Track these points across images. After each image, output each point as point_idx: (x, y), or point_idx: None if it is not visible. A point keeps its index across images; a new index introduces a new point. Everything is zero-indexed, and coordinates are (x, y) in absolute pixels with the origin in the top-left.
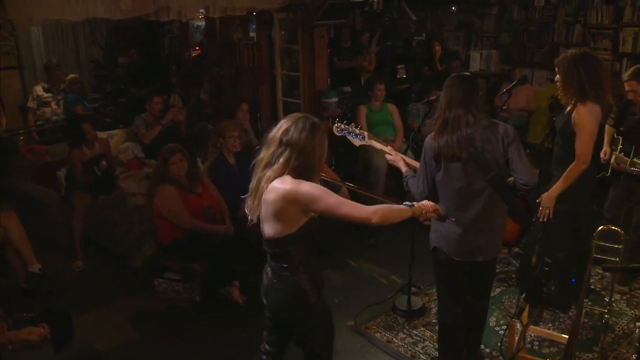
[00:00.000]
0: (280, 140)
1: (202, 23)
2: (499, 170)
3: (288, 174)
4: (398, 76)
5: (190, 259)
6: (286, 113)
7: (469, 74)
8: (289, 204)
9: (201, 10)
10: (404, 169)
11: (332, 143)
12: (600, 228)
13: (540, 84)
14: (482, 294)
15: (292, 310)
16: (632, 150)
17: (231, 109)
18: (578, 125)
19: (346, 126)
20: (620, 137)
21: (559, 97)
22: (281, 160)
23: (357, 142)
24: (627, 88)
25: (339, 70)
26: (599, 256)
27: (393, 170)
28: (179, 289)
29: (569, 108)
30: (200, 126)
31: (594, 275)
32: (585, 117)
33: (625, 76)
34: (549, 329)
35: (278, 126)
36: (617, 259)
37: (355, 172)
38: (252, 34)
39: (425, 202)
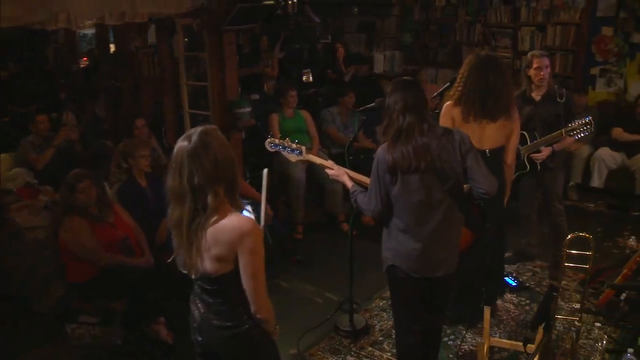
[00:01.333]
0: (193, 188)
1: (90, 31)
2: (456, 179)
3: (222, 208)
4: (305, 80)
5: (108, 298)
6: (194, 126)
7: (411, 79)
8: (233, 244)
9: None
10: (349, 184)
11: (243, 155)
12: (570, 236)
13: (445, 83)
14: (440, 309)
15: (234, 349)
16: (527, 138)
17: (131, 124)
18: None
19: (280, 141)
20: (526, 132)
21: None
22: (209, 203)
23: (293, 158)
24: (535, 65)
25: (240, 78)
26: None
27: (311, 181)
28: (96, 333)
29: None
30: (98, 144)
31: (526, 272)
32: (441, 115)
33: (537, 52)
34: (494, 334)
35: (174, 171)
36: (587, 266)
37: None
38: (150, 42)
39: None
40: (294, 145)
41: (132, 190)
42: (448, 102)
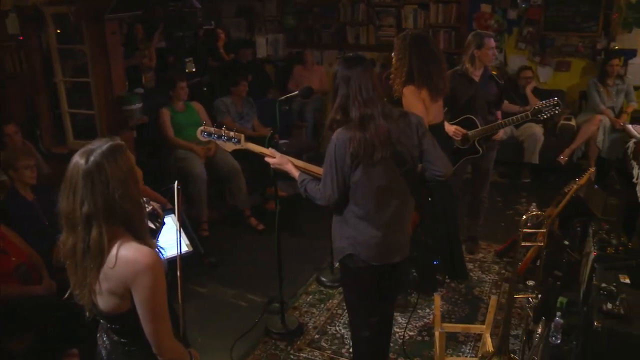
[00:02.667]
0: (87, 217)
1: None
2: (412, 163)
3: (121, 237)
4: (187, 70)
5: (5, 337)
6: (76, 127)
7: (359, 55)
8: (126, 281)
9: None
10: (295, 172)
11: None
12: (528, 214)
13: (331, 64)
14: (394, 295)
15: None
16: (477, 122)
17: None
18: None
19: (216, 130)
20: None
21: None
22: (91, 240)
23: (229, 147)
24: (491, 45)
25: None
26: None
27: (213, 178)
28: None
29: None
30: None
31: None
32: (410, 99)
33: (485, 33)
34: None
35: (67, 190)
36: (542, 243)
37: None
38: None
39: None
40: (231, 134)
41: (18, 207)
42: (410, 86)
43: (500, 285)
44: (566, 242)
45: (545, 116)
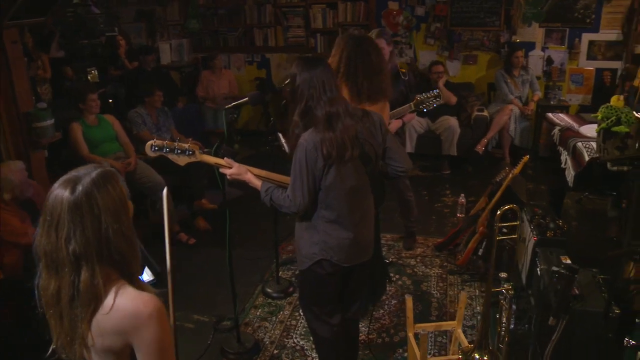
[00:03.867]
0: (75, 257)
1: None
2: (376, 161)
3: (115, 281)
4: (91, 80)
5: None
6: None
7: (317, 55)
8: (126, 335)
9: None
10: (257, 182)
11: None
12: (503, 209)
13: (239, 68)
14: (360, 296)
15: None
16: None
17: None
18: None
19: (168, 142)
20: None
21: None
22: (82, 284)
23: (182, 161)
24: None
25: None
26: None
27: (136, 194)
28: None
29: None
30: None
31: (383, 246)
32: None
33: (372, 35)
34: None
35: (48, 226)
36: (515, 235)
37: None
38: None
39: None
40: (185, 146)
41: None
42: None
43: (445, 278)
44: (505, 230)
45: (426, 107)
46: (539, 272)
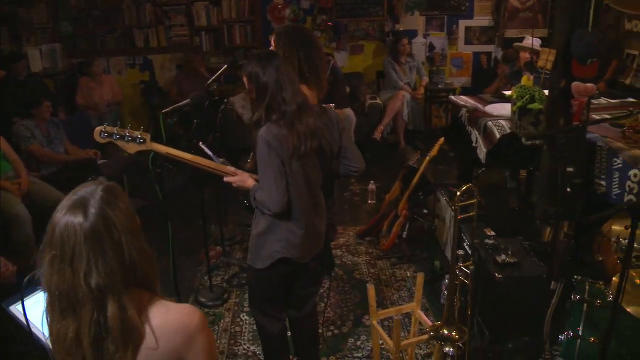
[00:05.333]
0: (99, 291)
1: None
2: (330, 157)
3: (149, 303)
4: None
5: None
6: None
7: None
8: (178, 353)
9: None
10: (252, 184)
11: None
12: (463, 188)
13: (120, 72)
14: (314, 289)
15: None
16: None
17: None
18: None
19: (119, 129)
20: None
21: None
22: (109, 316)
23: (132, 148)
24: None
25: None
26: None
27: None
28: None
29: None
30: None
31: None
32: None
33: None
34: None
35: (59, 261)
36: (473, 213)
37: None
38: None
39: None
40: (136, 133)
41: None
42: (302, 85)
43: (375, 264)
44: (425, 211)
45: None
46: (467, 246)
